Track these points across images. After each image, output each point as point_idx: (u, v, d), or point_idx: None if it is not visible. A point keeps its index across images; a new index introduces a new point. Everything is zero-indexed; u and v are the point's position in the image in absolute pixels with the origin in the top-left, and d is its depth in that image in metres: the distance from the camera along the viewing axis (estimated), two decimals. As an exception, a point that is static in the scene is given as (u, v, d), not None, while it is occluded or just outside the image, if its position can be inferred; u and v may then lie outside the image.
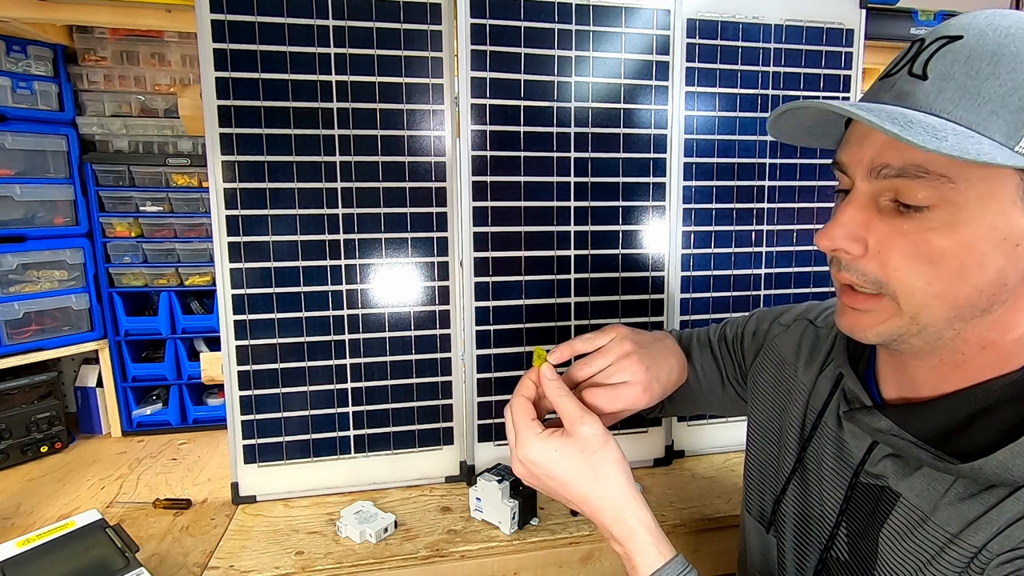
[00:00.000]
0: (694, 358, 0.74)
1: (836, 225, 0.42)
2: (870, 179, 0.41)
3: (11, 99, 1.05)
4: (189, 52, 1.16)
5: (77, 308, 1.15)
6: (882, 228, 0.41)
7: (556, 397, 0.56)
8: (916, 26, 1.11)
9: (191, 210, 1.18)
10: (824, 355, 0.60)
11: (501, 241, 0.93)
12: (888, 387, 0.51)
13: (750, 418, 0.68)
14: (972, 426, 0.43)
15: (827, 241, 0.43)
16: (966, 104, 0.37)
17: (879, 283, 0.42)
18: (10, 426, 1.05)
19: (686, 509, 0.87)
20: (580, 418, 0.53)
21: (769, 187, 1.02)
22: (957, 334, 0.42)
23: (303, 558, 0.77)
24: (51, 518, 0.89)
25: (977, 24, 0.39)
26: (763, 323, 0.70)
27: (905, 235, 0.40)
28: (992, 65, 0.37)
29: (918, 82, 0.39)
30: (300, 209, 0.87)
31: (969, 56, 0.38)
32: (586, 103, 0.93)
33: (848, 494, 0.51)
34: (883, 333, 0.43)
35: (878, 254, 0.41)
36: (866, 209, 0.42)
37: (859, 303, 0.44)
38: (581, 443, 0.53)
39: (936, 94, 0.38)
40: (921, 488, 0.45)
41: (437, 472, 0.96)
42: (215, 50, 0.83)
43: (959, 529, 0.41)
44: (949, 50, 0.39)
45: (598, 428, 0.53)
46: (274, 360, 0.89)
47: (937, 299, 0.40)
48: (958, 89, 0.37)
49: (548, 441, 0.53)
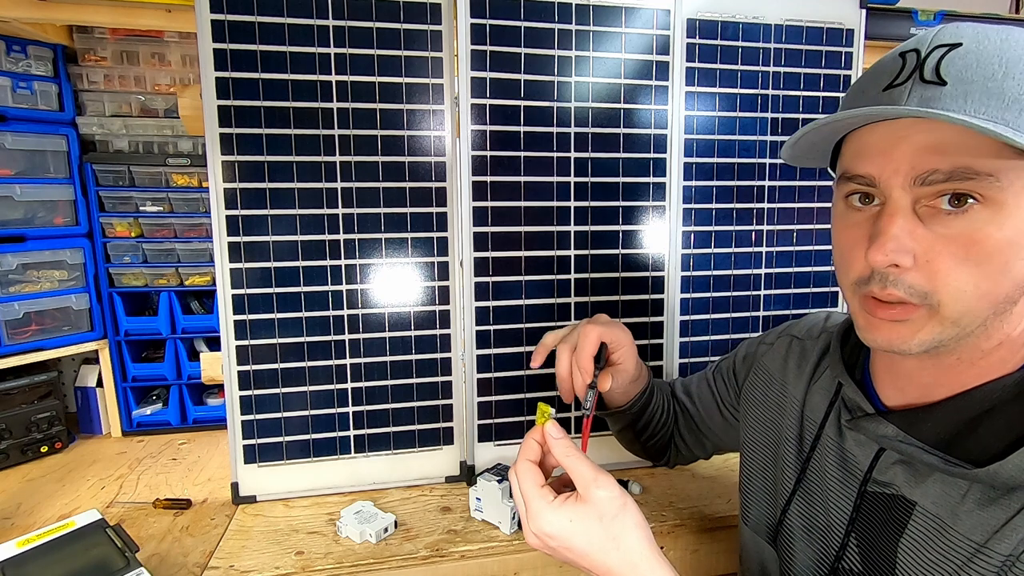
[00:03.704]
0: (691, 389, 0.80)
1: (888, 239, 0.40)
2: (912, 187, 0.40)
3: (11, 99, 1.05)
4: (189, 52, 1.16)
5: (77, 308, 1.15)
6: (927, 236, 0.40)
7: (565, 457, 0.51)
8: (916, 26, 1.11)
9: (191, 210, 1.18)
10: (812, 366, 0.60)
11: (501, 241, 0.93)
12: (888, 393, 0.50)
13: (744, 436, 0.68)
14: (978, 428, 0.43)
15: (883, 256, 0.41)
16: (995, 104, 0.37)
17: (924, 294, 0.41)
18: (10, 426, 1.05)
19: (686, 509, 0.87)
20: (595, 480, 0.49)
21: (769, 187, 1.02)
22: (984, 330, 0.41)
23: (303, 558, 0.77)
24: (51, 518, 0.89)
25: (968, 33, 0.40)
26: (752, 346, 0.73)
27: (952, 240, 0.39)
28: (1003, 67, 0.37)
29: (937, 87, 0.39)
30: (300, 209, 0.87)
31: (979, 60, 0.38)
32: (586, 103, 0.93)
33: (857, 503, 0.50)
34: (925, 341, 0.42)
35: (927, 263, 0.40)
36: (910, 219, 0.40)
37: (896, 314, 0.42)
38: (598, 509, 0.48)
39: (963, 97, 0.38)
40: (936, 495, 0.44)
41: (437, 472, 0.96)
42: (215, 50, 0.83)
43: (985, 538, 0.40)
44: (956, 55, 0.39)
45: (614, 491, 0.49)
46: (274, 360, 0.89)
47: (983, 299, 0.40)
48: (982, 91, 0.37)
49: (562, 511, 0.49)
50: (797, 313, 1.06)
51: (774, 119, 1.01)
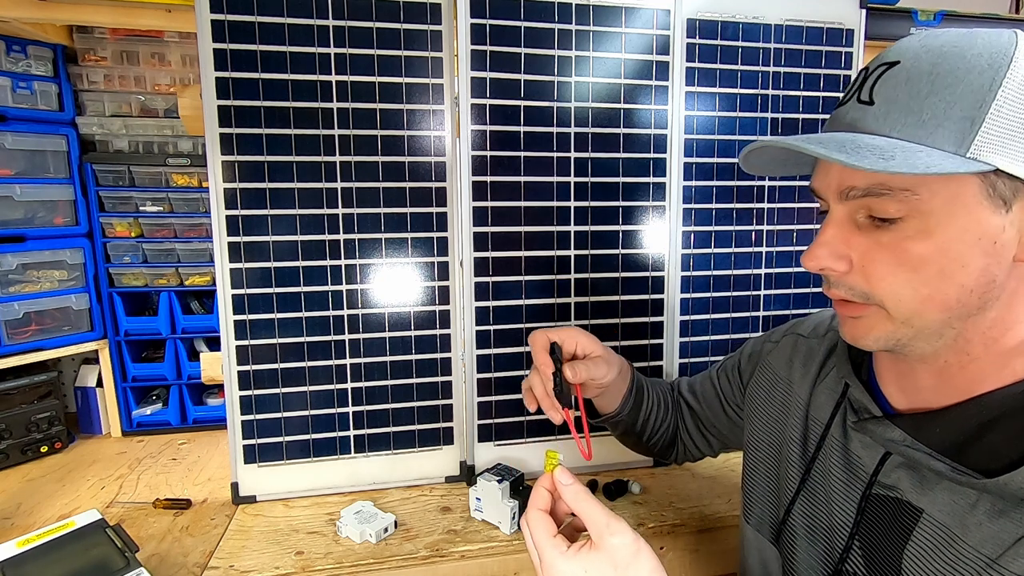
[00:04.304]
0: (696, 388, 0.81)
1: (818, 245, 0.45)
2: (842, 201, 0.44)
3: (11, 99, 1.05)
4: (189, 52, 1.16)
5: (77, 308, 1.15)
6: (863, 243, 0.43)
7: (576, 503, 0.51)
8: (916, 26, 1.11)
9: (191, 210, 1.18)
10: (818, 365, 0.60)
11: (501, 241, 0.93)
12: (894, 395, 0.50)
13: (748, 434, 0.68)
14: (985, 437, 0.43)
15: (813, 262, 0.45)
16: (912, 121, 0.39)
17: (866, 295, 0.44)
18: (10, 426, 1.05)
19: (686, 509, 0.87)
20: (607, 526, 0.49)
21: (769, 187, 1.02)
22: (958, 333, 0.43)
23: (303, 558, 0.77)
24: (51, 518, 0.89)
25: (912, 48, 0.42)
26: (757, 344, 0.73)
27: (884, 247, 0.42)
28: (930, 84, 0.39)
29: (866, 108, 0.42)
30: (300, 209, 0.87)
31: (908, 78, 0.40)
32: (586, 103, 0.93)
33: (862, 505, 0.50)
34: (880, 338, 0.45)
35: (862, 268, 0.43)
36: (845, 227, 0.44)
37: (852, 311, 0.46)
38: (612, 557, 0.48)
39: (884, 117, 0.41)
40: (944, 503, 0.44)
41: (437, 472, 0.96)
42: (215, 50, 0.83)
43: (997, 553, 0.40)
44: (890, 75, 0.41)
45: (628, 537, 0.49)
46: (274, 360, 0.89)
47: (926, 303, 0.42)
48: (903, 110, 0.40)
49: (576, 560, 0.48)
50: (797, 313, 1.06)
51: (774, 119, 1.01)
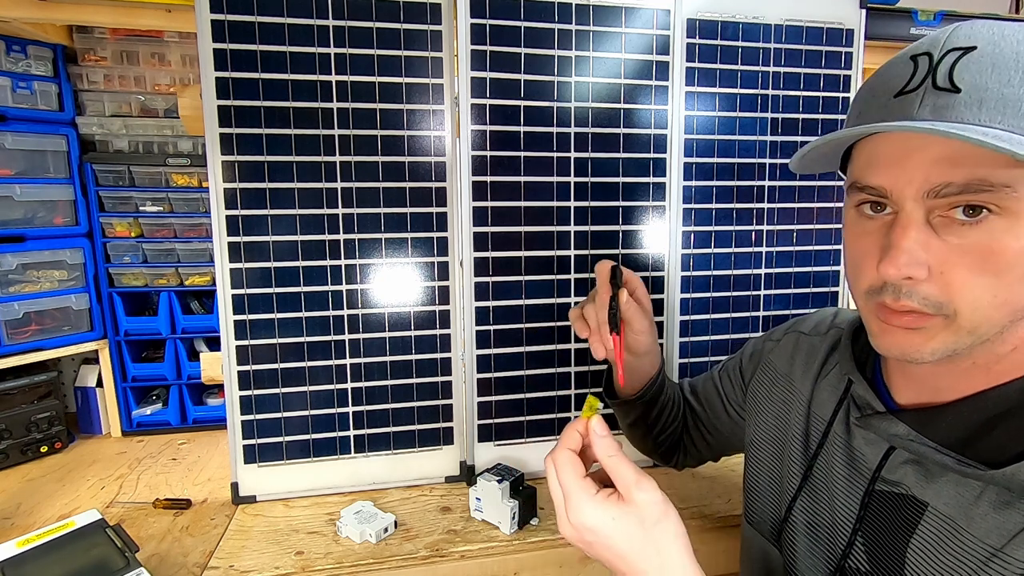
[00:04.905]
0: (697, 389, 0.80)
1: (900, 252, 0.40)
2: (925, 200, 0.39)
3: (11, 99, 1.05)
4: (189, 52, 1.16)
5: (77, 308, 1.15)
6: (941, 247, 0.39)
7: (607, 457, 0.49)
8: (916, 26, 1.11)
9: (191, 210, 1.18)
10: (820, 363, 0.60)
11: (501, 241, 0.93)
12: (901, 392, 0.50)
13: (749, 433, 0.68)
14: (994, 430, 0.42)
15: (895, 270, 0.40)
16: (1012, 112, 0.36)
17: (939, 304, 0.40)
18: (10, 426, 1.05)
19: (686, 509, 0.87)
20: (637, 483, 0.47)
21: (769, 187, 1.02)
22: (1000, 336, 0.41)
23: (303, 558, 0.77)
24: (51, 518, 0.89)
25: (983, 34, 0.38)
26: (759, 343, 0.72)
27: (967, 251, 0.39)
28: (1020, 71, 0.36)
29: (951, 95, 0.38)
30: (300, 209, 0.87)
31: (995, 65, 0.37)
32: (586, 103, 0.93)
33: (865, 501, 0.50)
34: (938, 351, 0.41)
35: (941, 275, 0.40)
36: (924, 231, 0.40)
37: (914, 322, 0.41)
38: (640, 513, 0.47)
39: (978, 105, 0.37)
40: (949, 496, 0.43)
41: (437, 472, 0.96)
42: (215, 50, 0.83)
43: (1001, 543, 0.40)
44: (971, 59, 0.38)
45: (657, 496, 0.48)
46: (274, 360, 0.89)
47: (1002, 308, 0.39)
48: (998, 99, 0.37)
49: (604, 507, 0.47)
50: (797, 313, 1.06)
51: (774, 119, 1.01)
